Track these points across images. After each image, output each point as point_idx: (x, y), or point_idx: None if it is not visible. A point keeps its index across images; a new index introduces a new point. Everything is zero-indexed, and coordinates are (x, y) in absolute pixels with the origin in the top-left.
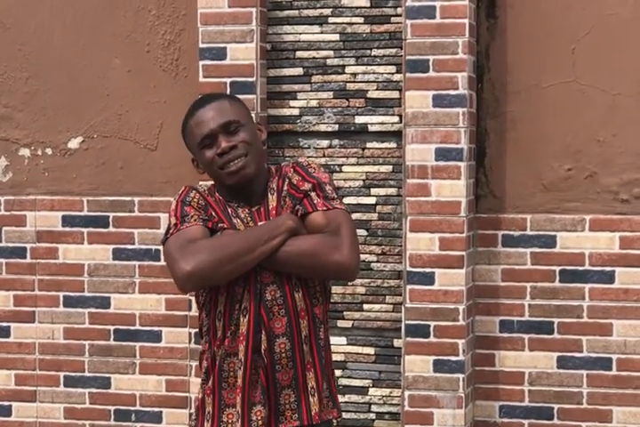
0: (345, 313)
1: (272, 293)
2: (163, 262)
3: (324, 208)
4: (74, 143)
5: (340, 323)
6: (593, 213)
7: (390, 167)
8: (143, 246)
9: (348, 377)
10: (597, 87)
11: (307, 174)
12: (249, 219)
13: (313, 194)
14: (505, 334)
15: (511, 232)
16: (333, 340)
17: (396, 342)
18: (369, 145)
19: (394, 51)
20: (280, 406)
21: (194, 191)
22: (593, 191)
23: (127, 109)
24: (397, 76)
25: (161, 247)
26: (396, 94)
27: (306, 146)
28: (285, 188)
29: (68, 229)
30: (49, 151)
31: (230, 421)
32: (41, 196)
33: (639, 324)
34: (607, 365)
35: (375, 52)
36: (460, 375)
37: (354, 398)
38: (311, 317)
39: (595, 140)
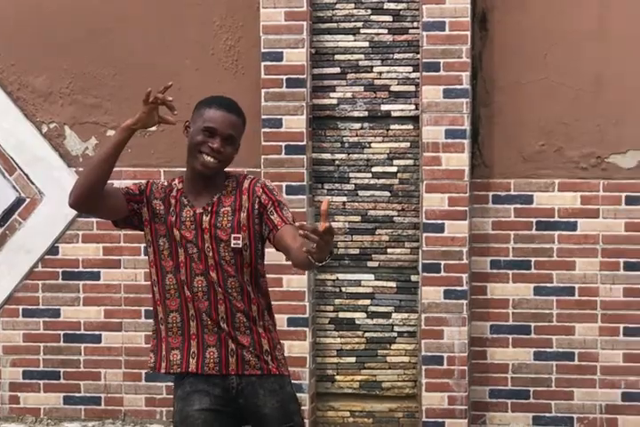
0: (373, 256)
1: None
2: None
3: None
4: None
5: (370, 264)
6: (561, 178)
7: (408, 144)
8: None
9: (376, 305)
10: (564, 84)
11: (274, 195)
12: (190, 220)
13: (281, 210)
14: (494, 271)
15: (499, 193)
16: (364, 276)
17: (413, 278)
18: (392, 127)
19: (411, 55)
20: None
21: (154, 185)
22: (560, 161)
23: (195, 99)
24: (414, 75)
25: None
26: (412, 88)
27: (342, 128)
28: (255, 206)
29: None
30: None
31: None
32: (125, 168)
33: (595, 261)
34: (571, 292)
35: (397, 55)
36: (464, 301)
37: (380, 320)
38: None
39: (562, 123)
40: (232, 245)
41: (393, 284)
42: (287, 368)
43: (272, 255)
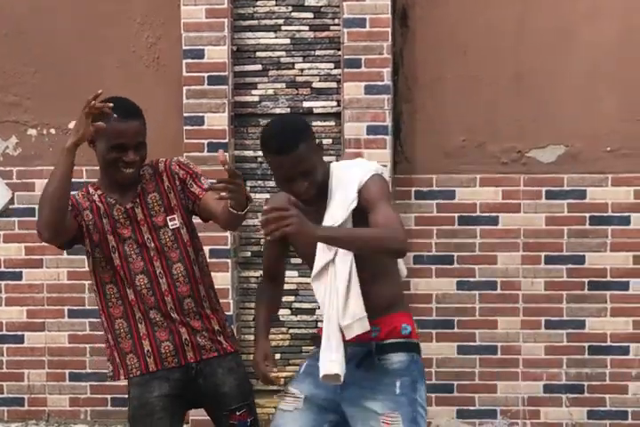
0: None
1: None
2: None
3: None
4: (73, 124)
5: (293, 260)
6: (482, 173)
7: (331, 140)
8: None
9: (300, 302)
10: (483, 79)
11: (190, 168)
12: (124, 217)
13: (199, 180)
14: (417, 266)
15: (421, 188)
16: (288, 273)
17: None
18: (314, 124)
19: (332, 52)
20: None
21: (76, 196)
22: (481, 156)
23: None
24: (335, 71)
25: None
26: (334, 85)
27: (265, 125)
28: (177, 182)
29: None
30: (53, 131)
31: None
32: (47, 166)
33: (517, 255)
34: (493, 285)
35: (318, 52)
36: None
37: (304, 317)
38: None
39: (482, 118)
40: (170, 227)
41: None
42: (239, 344)
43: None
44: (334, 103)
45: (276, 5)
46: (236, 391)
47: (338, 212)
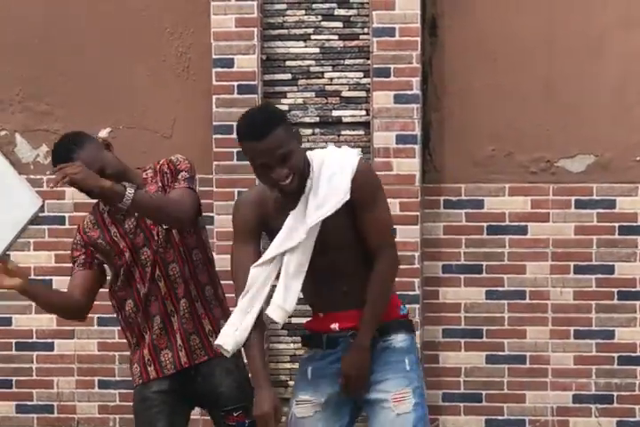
0: None
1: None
2: None
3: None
4: (103, 133)
5: None
6: (510, 183)
7: (360, 150)
8: None
9: None
10: (512, 89)
11: (174, 166)
12: (133, 224)
13: (178, 175)
14: (446, 275)
15: (450, 197)
16: None
17: None
18: (343, 133)
19: (361, 61)
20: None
21: (85, 226)
22: (510, 166)
23: (148, 106)
24: (364, 80)
25: None
26: (363, 94)
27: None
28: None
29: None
30: None
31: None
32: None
33: (546, 265)
34: (522, 295)
35: (347, 61)
36: (417, 305)
37: None
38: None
39: (511, 127)
40: (164, 226)
41: None
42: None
43: (222, 261)
44: (363, 112)
45: (306, 15)
46: (234, 392)
47: (327, 198)
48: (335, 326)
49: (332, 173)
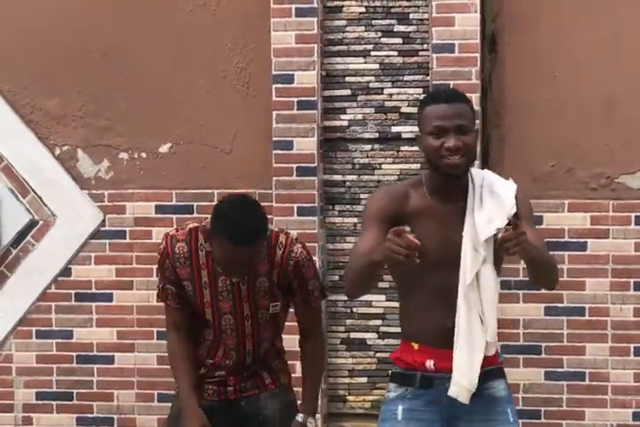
0: (384, 276)
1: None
2: None
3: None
4: (164, 148)
5: (381, 284)
6: (570, 199)
7: (419, 165)
8: None
9: (387, 326)
10: (572, 104)
11: (302, 277)
12: (227, 290)
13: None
14: (504, 291)
15: None
16: (375, 297)
17: None
18: (402, 148)
19: (421, 77)
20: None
21: (178, 244)
22: (570, 182)
23: (207, 121)
24: (424, 96)
25: None
26: None
27: (353, 149)
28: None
29: (159, 215)
30: (144, 155)
31: None
32: (137, 190)
33: (606, 281)
34: (582, 312)
35: (407, 77)
36: None
37: (391, 341)
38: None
39: (572, 143)
40: (271, 312)
41: None
42: (289, 374)
43: None
44: None
45: (365, 31)
46: (280, 414)
47: (495, 211)
48: (430, 363)
49: (495, 188)
